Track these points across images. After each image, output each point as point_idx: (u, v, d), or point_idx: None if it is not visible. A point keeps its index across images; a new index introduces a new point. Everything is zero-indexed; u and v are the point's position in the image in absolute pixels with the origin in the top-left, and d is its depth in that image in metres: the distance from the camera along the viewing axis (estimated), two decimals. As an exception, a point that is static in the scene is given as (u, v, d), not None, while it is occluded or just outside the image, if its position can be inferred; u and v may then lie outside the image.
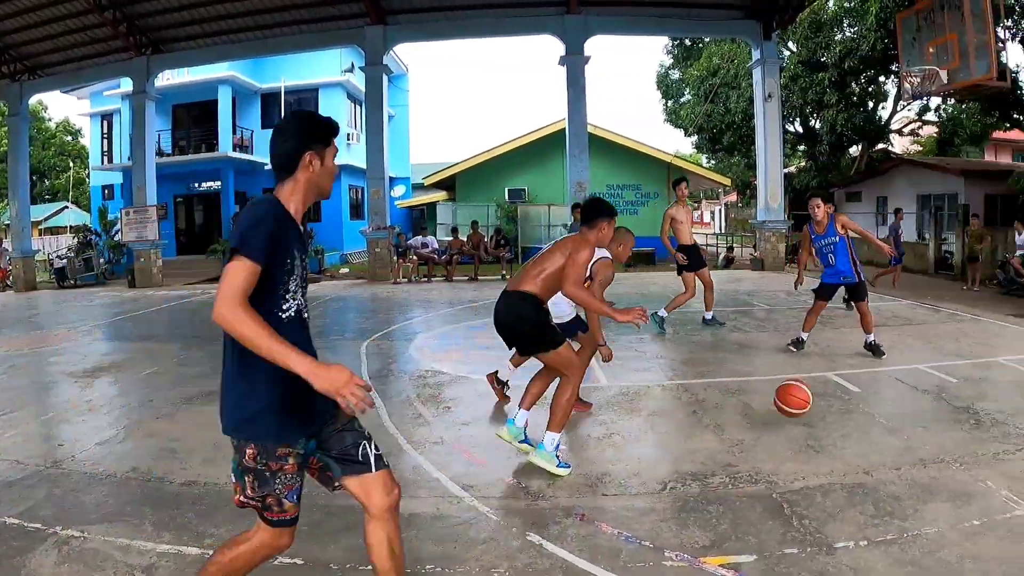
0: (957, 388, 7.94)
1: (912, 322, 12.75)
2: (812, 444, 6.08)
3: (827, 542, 4.31)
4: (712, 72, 34.78)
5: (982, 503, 4.89)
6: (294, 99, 31.62)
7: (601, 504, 4.85)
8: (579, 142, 22.01)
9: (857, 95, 32.02)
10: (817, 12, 29.68)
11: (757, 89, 23.56)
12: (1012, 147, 41.38)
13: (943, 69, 15.15)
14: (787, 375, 8.33)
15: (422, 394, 7.70)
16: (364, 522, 3.21)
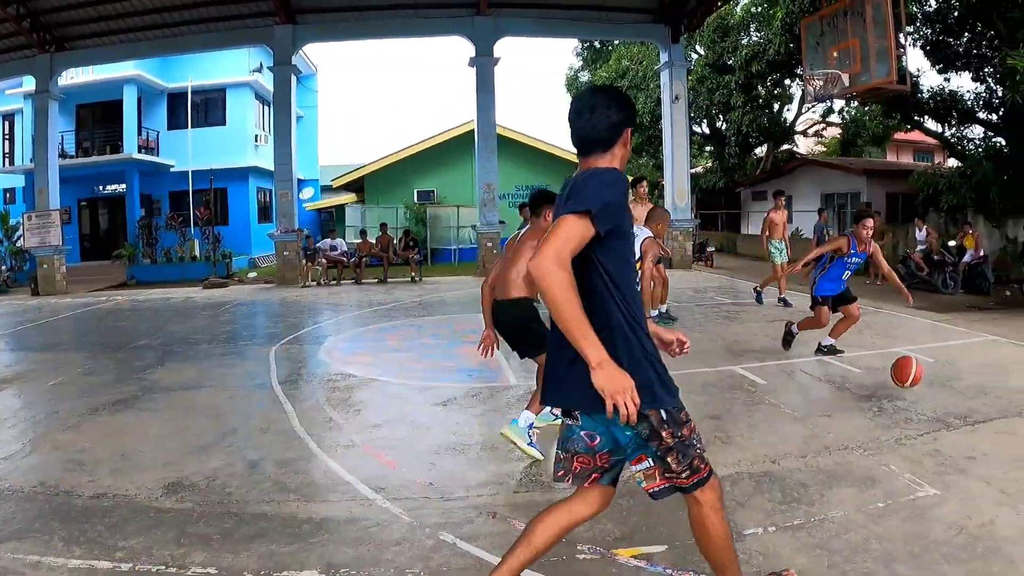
0: (860, 378, 8.21)
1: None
2: (720, 436, 6.18)
3: (736, 529, 4.31)
4: (621, 74, 35.34)
5: (886, 486, 5.04)
6: (201, 99, 30.85)
7: (513, 501, 4.85)
8: (488, 143, 22.05)
9: (763, 97, 32.79)
10: (724, 17, 30.39)
11: (665, 91, 23.99)
12: (913, 147, 42.91)
13: (845, 73, 15.64)
14: (694, 370, 8.52)
15: (332, 398, 7.59)
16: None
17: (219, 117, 31.45)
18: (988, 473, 5.28)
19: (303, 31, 21.64)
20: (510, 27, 22.42)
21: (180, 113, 30.72)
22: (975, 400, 7.28)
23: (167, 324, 13.25)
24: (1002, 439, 6.09)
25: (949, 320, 12.86)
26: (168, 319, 14.03)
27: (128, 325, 13.65)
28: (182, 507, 4.78)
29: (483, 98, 22.01)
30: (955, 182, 19.76)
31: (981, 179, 19.22)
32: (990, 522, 4.46)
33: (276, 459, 5.67)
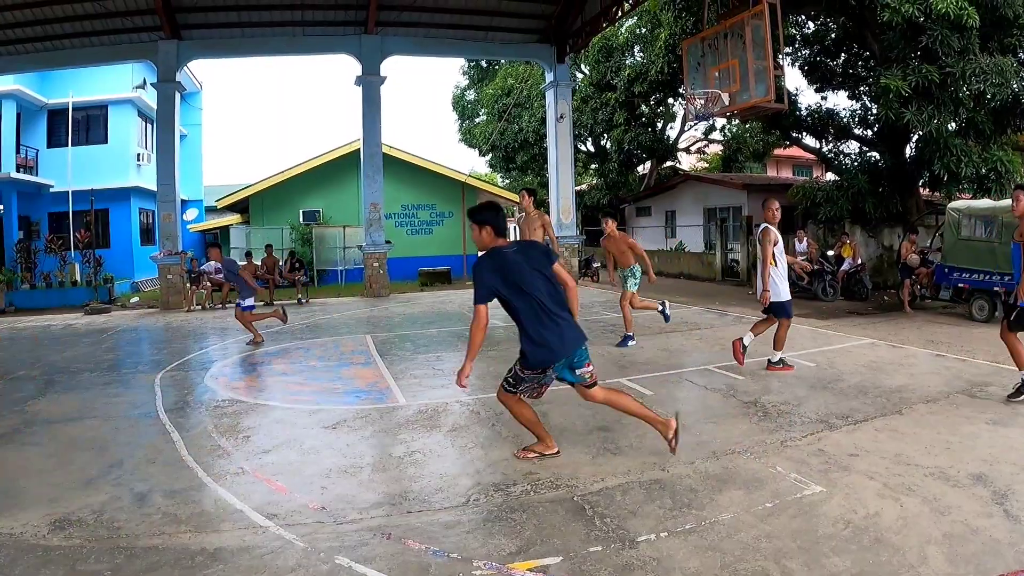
0: (744, 385, 8.48)
1: (700, 326, 13.53)
2: (609, 447, 6.29)
3: (629, 537, 4.47)
4: (506, 92, 35.83)
5: (773, 487, 5.23)
6: (82, 116, 29.36)
7: (406, 522, 4.82)
8: (374, 163, 22.05)
9: (646, 116, 33.81)
10: (609, 38, 31.11)
11: (550, 110, 24.51)
12: (792, 162, 44.64)
13: (725, 92, 16.15)
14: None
15: (220, 424, 7.38)
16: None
17: (100, 135, 29.99)
18: (871, 469, 5.54)
19: (188, 47, 21.17)
20: (397, 46, 22.58)
21: (60, 130, 29.09)
22: (856, 400, 7.61)
23: (47, 353, 12.65)
24: (883, 436, 6.39)
25: (829, 326, 13.43)
26: (48, 347, 13.41)
27: (6, 355, 12.96)
28: (70, 544, 4.57)
29: (369, 117, 22.04)
30: (832, 194, 20.65)
31: (857, 191, 20.17)
32: (875, 514, 4.68)
33: (165, 490, 5.49)
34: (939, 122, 17.06)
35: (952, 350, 10.78)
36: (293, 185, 29.12)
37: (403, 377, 9.53)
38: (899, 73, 16.90)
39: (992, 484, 5.18)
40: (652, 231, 34.29)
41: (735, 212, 27.77)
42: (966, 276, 14.71)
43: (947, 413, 7.13)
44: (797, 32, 23.08)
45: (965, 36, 16.29)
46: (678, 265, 28.28)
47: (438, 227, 30.56)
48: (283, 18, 21.58)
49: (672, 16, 23.21)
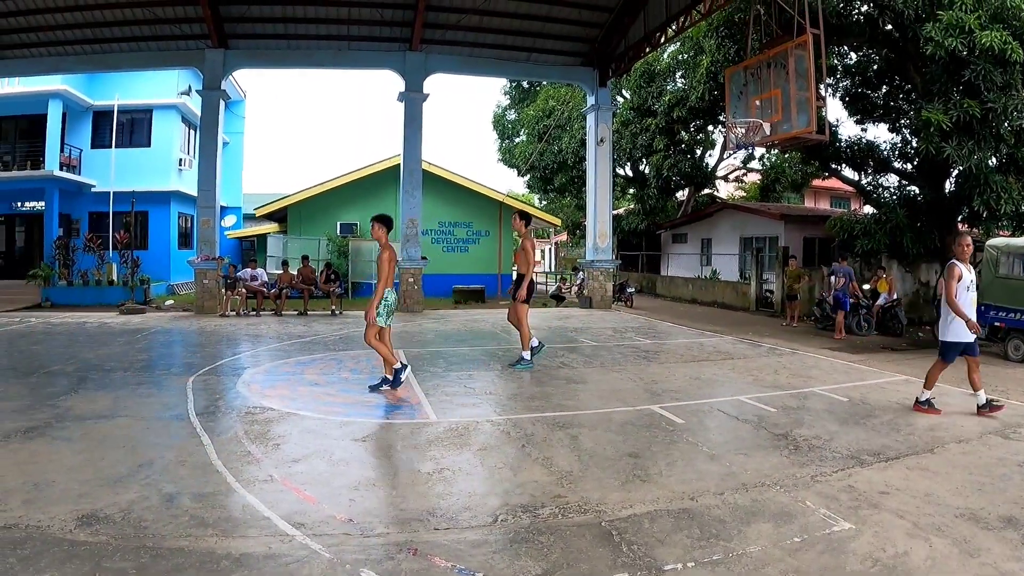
0: (776, 417, 8.43)
1: (733, 356, 13.44)
2: (638, 474, 6.27)
3: (656, 565, 4.45)
4: (547, 114, 35.96)
5: (802, 521, 5.20)
6: (127, 119, 29.86)
7: (433, 538, 4.81)
8: (413, 178, 22.20)
9: (685, 142, 33.80)
10: (651, 63, 31.20)
11: (590, 133, 24.62)
12: (830, 194, 44.40)
13: (767, 122, 16.17)
14: (613, 409, 8.66)
15: (250, 431, 7.42)
16: None
17: (144, 138, 30.51)
18: (901, 507, 5.49)
19: (234, 56, 21.50)
20: (440, 64, 22.79)
21: (105, 132, 29.63)
22: (888, 437, 7.56)
23: (81, 350, 12.82)
24: (914, 474, 6.33)
25: (863, 360, 13.33)
26: (83, 344, 13.59)
27: (41, 349, 13.18)
28: (97, 540, 4.62)
29: (410, 133, 22.21)
30: (870, 228, 20.47)
31: (895, 225, 19.96)
32: (904, 553, 4.64)
33: (193, 492, 5.50)
34: (979, 157, 16.90)
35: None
36: (331, 197, 29.37)
37: (434, 394, 9.54)
38: (940, 107, 16.77)
39: (1023, 528, 5.13)
40: (688, 258, 34.23)
41: (771, 242, 27.65)
42: (1003, 315, 14.57)
43: (979, 454, 7.07)
44: (839, 63, 22.99)
45: (1008, 71, 16.15)
46: (712, 294, 28.15)
47: (474, 245, 30.67)
48: (329, 32, 21.88)
49: (715, 43, 23.20)
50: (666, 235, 36.48)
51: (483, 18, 22.09)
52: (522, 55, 23.97)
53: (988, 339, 15.01)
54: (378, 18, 21.37)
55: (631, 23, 22.78)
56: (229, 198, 34.03)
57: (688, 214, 35.73)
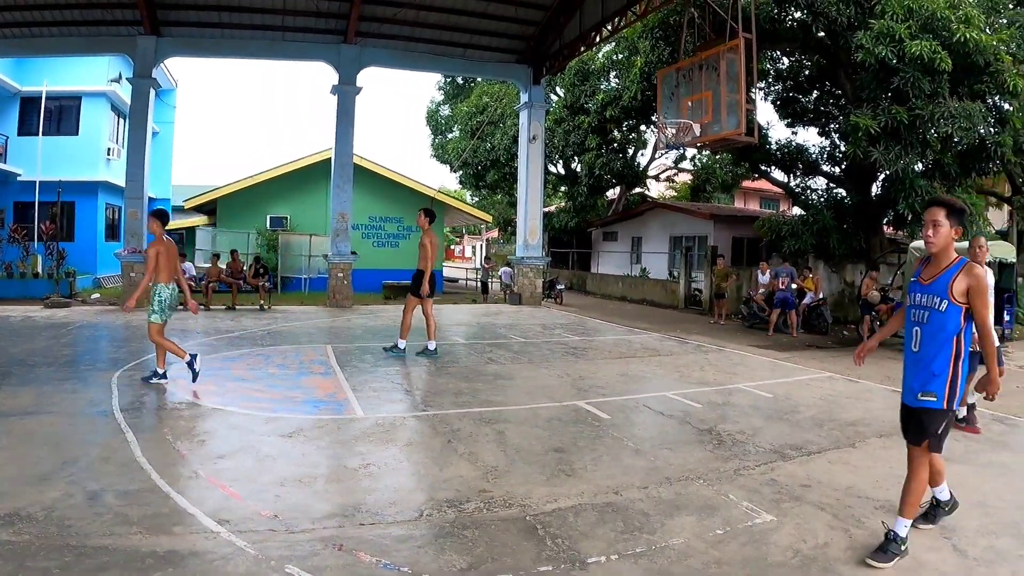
0: (701, 413, 8.55)
1: (660, 353, 13.61)
2: (564, 468, 6.30)
3: (580, 558, 4.48)
4: (480, 110, 36.06)
5: (725, 514, 5.28)
6: (55, 105, 28.74)
7: (358, 534, 4.80)
8: (344, 172, 21.97)
9: (618, 141, 34.12)
10: (586, 62, 31.46)
11: (523, 131, 24.66)
12: (760, 195, 45.25)
13: (697, 123, 16.45)
14: (539, 405, 8.69)
15: (176, 427, 7.27)
16: None
17: (72, 126, 29.33)
18: (822, 500, 5.62)
19: (167, 44, 20.89)
20: (375, 58, 22.57)
21: (32, 119, 28.49)
22: (811, 432, 7.71)
23: (5, 344, 12.36)
24: (835, 468, 6.48)
25: (789, 358, 13.58)
26: (6, 339, 13.11)
27: None
28: (20, 540, 4.49)
29: (342, 127, 21.97)
30: (797, 229, 20.88)
31: (822, 227, 20.40)
32: (824, 544, 4.76)
33: (118, 490, 5.39)
34: (905, 162, 17.32)
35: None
36: (262, 190, 28.97)
37: (362, 389, 9.47)
38: (869, 112, 17.15)
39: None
40: (618, 256, 34.51)
41: (700, 241, 28.05)
42: (924, 314, 14.91)
43: (900, 448, 7.08)
44: (772, 67, 23.41)
45: (936, 80, 16.57)
46: (642, 291, 28.43)
47: (405, 240, 30.50)
48: (264, 22, 21.49)
49: (649, 45, 23.38)
50: (597, 233, 36.77)
51: (419, 12, 21.89)
52: (457, 51, 23.89)
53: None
54: (313, 9, 21.04)
55: (567, 22, 22.85)
56: (158, 189, 33.13)
57: (619, 212, 36.05)
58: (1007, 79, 16.95)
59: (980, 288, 4.51)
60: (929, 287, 4.70)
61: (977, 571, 4.48)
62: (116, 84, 29.14)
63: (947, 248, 4.65)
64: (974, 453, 7.17)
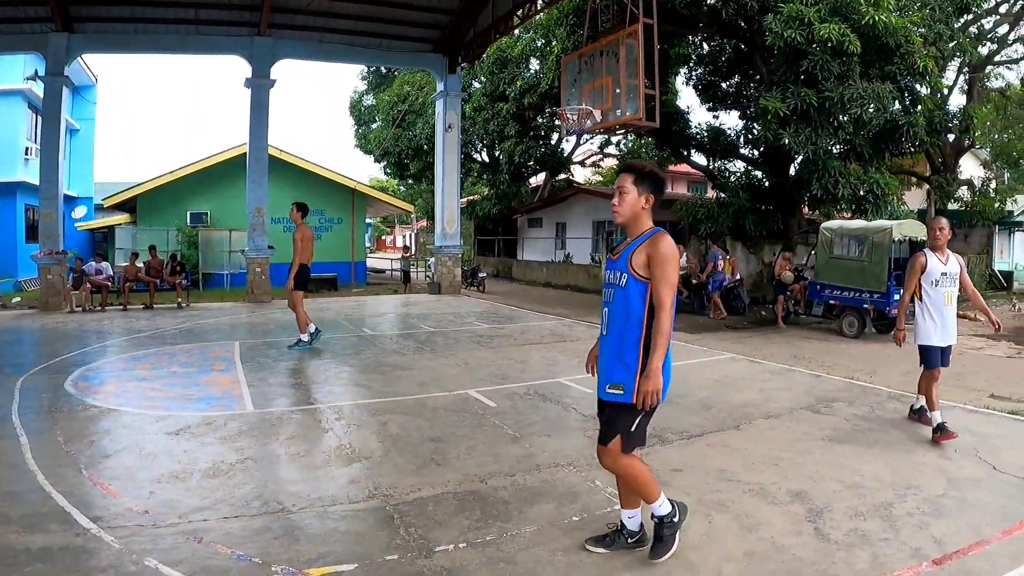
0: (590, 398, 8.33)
1: (567, 339, 13.66)
2: (436, 458, 6.27)
3: (428, 547, 4.48)
4: (402, 99, 35.84)
5: (586, 501, 5.27)
6: None
7: (220, 526, 4.85)
8: (259, 166, 21.69)
9: (540, 128, 34.13)
10: (504, 50, 31.49)
11: (439, 120, 24.65)
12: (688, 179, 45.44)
13: (597, 109, 16.55)
14: (428, 394, 8.65)
15: (69, 429, 7.17)
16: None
17: None
18: (689, 484, 5.62)
19: (79, 41, 20.32)
20: (289, 50, 22.27)
21: None
22: (697, 415, 7.76)
23: None
24: (713, 451, 6.50)
25: (698, 340, 13.73)
26: None
27: None
28: None
29: (256, 120, 21.61)
30: (713, 211, 21.09)
31: (737, 209, 20.62)
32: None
33: (2, 491, 5.44)
34: (817, 144, 17.54)
35: (811, 365, 11.10)
36: (182, 186, 28.40)
37: (259, 384, 9.39)
38: (779, 95, 17.37)
39: (811, 501, 5.30)
40: (543, 243, 34.63)
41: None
42: (837, 293, 15.20)
43: (785, 429, 7.30)
44: (693, 52, 23.60)
45: (846, 62, 16.81)
46: (566, 277, 28.56)
47: (326, 233, 30.18)
48: (177, 16, 20.97)
49: (565, 32, 23.43)
50: (522, 220, 36.87)
51: (333, 3, 21.65)
52: (373, 41, 23.69)
53: (824, 316, 15.70)
54: (226, 2, 20.68)
55: (480, 10, 22.79)
56: (80, 188, 32.49)
57: (544, 199, 36.15)
58: (917, 60, 17.29)
59: (660, 259, 4.06)
60: (616, 262, 4.30)
61: (837, 555, 4.46)
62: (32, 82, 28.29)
63: (635, 218, 4.27)
64: (861, 432, 7.24)
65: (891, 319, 14.67)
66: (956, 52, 21.58)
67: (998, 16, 24.52)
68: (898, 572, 4.24)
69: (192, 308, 19.25)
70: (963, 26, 22.30)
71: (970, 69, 25.10)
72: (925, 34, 18.82)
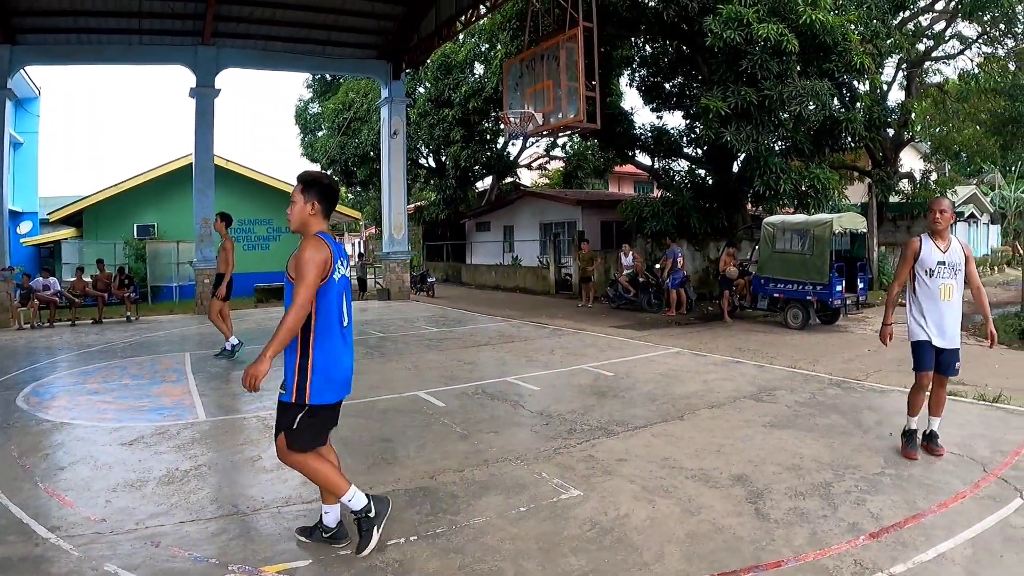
0: (538, 395, 8.73)
1: (515, 339, 13.81)
2: (386, 457, 6.38)
3: (381, 541, 4.56)
4: (347, 106, 35.78)
5: (533, 491, 5.41)
6: None
7: (179, 531, 4.94)
8: (205, 176, 21.55)
9: (486, 132, 34.31)
10: (448, 55, 31.65)
11: (384, 126, 24.80)
12: (634, 179, 45.89)
13: (539, 112, 16.82)
14: (379, 397, 8.74)
15: (23, 443, 7.17)
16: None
17: None
18: (634, 472, 5.79)
19: (22, 52, 19.97)
20: (233, 59, 22.20)
21: None
22: (641, 407, 7.95)
23: None
24: (657, 441, 6.68)
25: (644, 336, 13.95)
26: None
27: None
28: None
29: (201, 130, 21.51)
30: (658, 210, 21.38)
31: (681, 207, 20.93)
32: (624, 516, 4.89)
33: None
34: (758, 142, 17.89)
35: (755, 357, 11.35)
36: (128, 198, 28.06)
37: (210, 394, 9.46)
38: (719, 94, 17.71)
39: (752, 484, 5.49)
40: (491, 246, 34.78)
41: (570, 227, 28.49)
42: (781, 286, 15.52)
43: (728, 417, 7.50)
44: (635, 54, 23.90)
45: (785, 61, 17.18)
46: (515, 279, 28.72)
47: (275, 242, 30.06)
48: (120, 25, 20.78)
49: (508, 36, 23.64)
50: (470, 224, 36.98)
51: (276, 11, 21.61)
52: (317, 49, 23.74)
53: (769, 309, 16.02)
54: (169, 11, 20.54)
55: (423, 16, 22.95)
56: (24, 203, 31.90)
57: (491, 203, 36.32)
58: (855, 58, 17.73)
59: (299, 260, 4.27)
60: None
61: (776, 533, 4.65)
62: (-29, 95, 27.81)
63: (304, 225, 4.47)
64: (802, 417, 7.46)
65: (834, 309, 15.07)
66: (893, 49, 22.05)
67: (935, 13, 25.07)
68: (836, 546, 4.43)
69: (141, 321, 19.10)
70: (900, 23, 22.86)
71: (908, 65, 25.64)
72: (863, 32, 19.31)
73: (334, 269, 4.40)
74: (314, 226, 4.44)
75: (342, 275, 4.54)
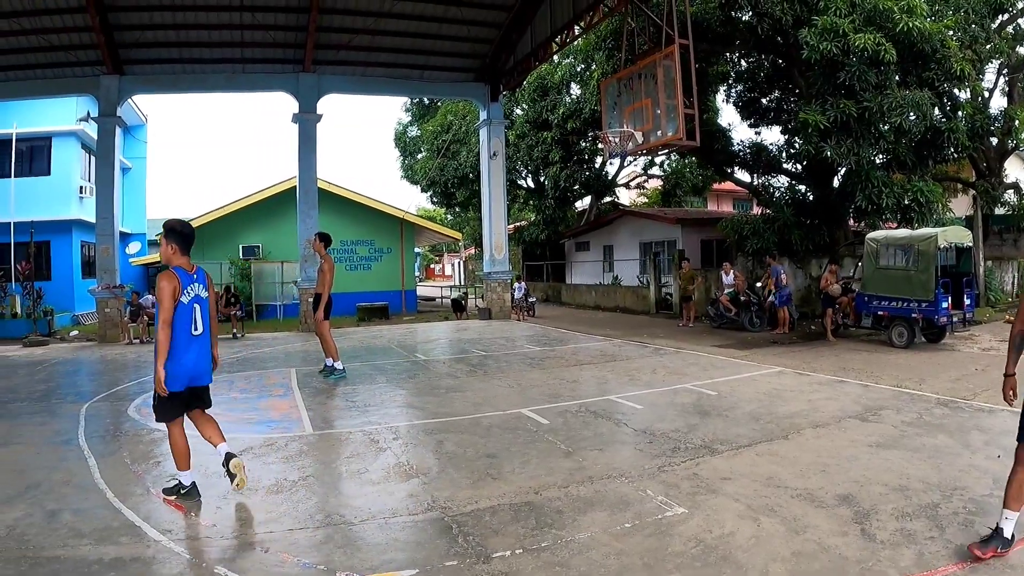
0: (641, 413, 8.69)
1: (616, 358, 13.75)
2: (491, 472, 6.44)
3: (486, 553, 4.65)
4: (446, 128, 36.29)
5: (637, 508, 5.41)
6: (26, 147, 28.56)
7: (287, 537, 5.07)
8: (309, 199, 22.15)
9: (584, 152, 34.45)
10: (544, 76, 31.87)
11: (483, 148, 25.05)
12: (733, 196, 45.29)
13: (639, 131, 16.81)
14: (482, 414, 8.82)
15: (135, 451, 7.50)
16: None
17: (44, 166, 29.15)
18: (739, 491, 5.73)
19: (129, 82, 21.18)
20: (333, 85, 22.83)
21: (3, 161, 28.51)
22: (745, 427, 7.85)
23: None
24: (761, 460, 6.60)
25: (747, 356, 13.77)
26: None
27: None
28: None
29: (305, 154, 22.16)
30: (759, 227, 21.06)
31: (783, 224, 20.58)
32: (729, 534, 4.85)
33: (74, 508, 5.71)
34: (859, 155, 17.53)
35: (860, 376, 11.11)
36: (234, 220, 28.93)
37: (317, 408, 9.68)
38: (818, 108, 17.40)
39: (857, 504, 5.39)
40: (591, 266, 34.71)
41: (670, 246, 28.25)
42: (885, 304, 15.16)
43: (833, 437, 7.37)
44: (731, 70, 23.68)
45: (883, 71, 16.83)
46: (614, 299, 28.64)
47: (377, 263, 30.57)
48: (223, 55, 21.72)
49: (603, 55, 23.68)
50: (570, 244, 36.98)
51: (374, 37, 22.19)
52: (415, 73, 24.18)
53: (873, 327, 15.66)
54: (270, 41, 21.31)
55: (519, 39, 23.19)
56: (133, 224, 33.42)
57: (590, 222, 36.25)
58: (954, 65, 17.23)
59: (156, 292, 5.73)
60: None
61: (882, 554, 4.56)
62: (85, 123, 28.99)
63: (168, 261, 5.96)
64: (908, 437, 7.29)
65: (940, 327, 14.65)
66: (993, 54, 21.42)
67: (1035, 14, 24.26)
68: (943, 568, 4.34)
69: (247, 338, 19.69)
70: (999, 27, 22.11)
71: (1009, 70, 24.75)
72: (960, 38, 18.81)
73: (183, 292, 5.73)
74: (174, 261, 5.88)
75: (193, 296, 5.86)
